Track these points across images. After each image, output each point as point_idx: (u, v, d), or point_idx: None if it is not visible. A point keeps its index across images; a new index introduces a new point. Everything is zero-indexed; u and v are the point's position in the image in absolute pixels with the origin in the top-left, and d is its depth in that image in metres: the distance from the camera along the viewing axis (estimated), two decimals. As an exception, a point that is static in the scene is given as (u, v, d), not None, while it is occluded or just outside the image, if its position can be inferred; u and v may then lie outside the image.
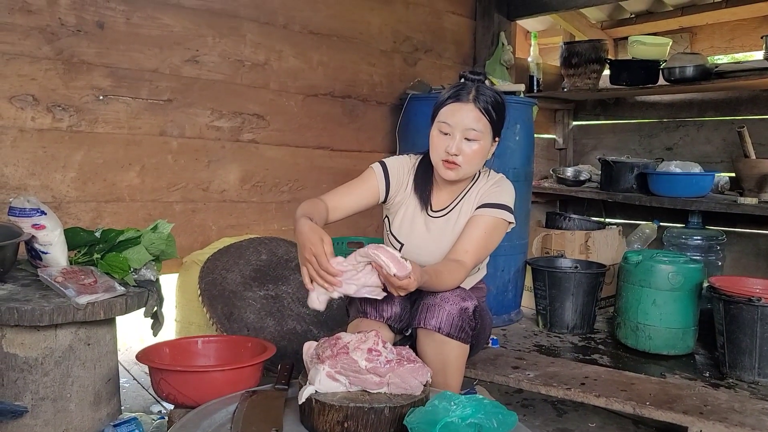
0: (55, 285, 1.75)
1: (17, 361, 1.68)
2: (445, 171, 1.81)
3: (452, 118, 1.78)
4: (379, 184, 1.90)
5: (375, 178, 1.90)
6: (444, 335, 1.70)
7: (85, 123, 2.42)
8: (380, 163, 1.93)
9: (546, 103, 4.07)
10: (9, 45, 2.23)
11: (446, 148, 1.78)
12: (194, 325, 2.50)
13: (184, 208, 2.72)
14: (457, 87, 1.82)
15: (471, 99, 1.78)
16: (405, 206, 1.93)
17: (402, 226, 1.93)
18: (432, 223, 1.91)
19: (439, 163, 1.81)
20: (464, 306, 1.71)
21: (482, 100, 1.78)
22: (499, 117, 1.82)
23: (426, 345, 1.73)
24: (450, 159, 1.78)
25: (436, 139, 1.81)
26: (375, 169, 1.91)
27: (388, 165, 1.92)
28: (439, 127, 1.80)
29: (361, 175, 1.92)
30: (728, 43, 4.02)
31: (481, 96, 1.79)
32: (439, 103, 1.84)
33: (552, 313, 2.85)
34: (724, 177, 3.50)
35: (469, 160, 1.79)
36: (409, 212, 1.93)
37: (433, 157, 1.84)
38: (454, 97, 1.79)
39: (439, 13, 3.61)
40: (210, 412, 1.53)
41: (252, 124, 2.88)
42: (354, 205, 1.88)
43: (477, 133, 1.78)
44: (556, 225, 3.42)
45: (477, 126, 1.77)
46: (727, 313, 2.26)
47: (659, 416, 1.78)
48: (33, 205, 1.87)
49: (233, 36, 2.78)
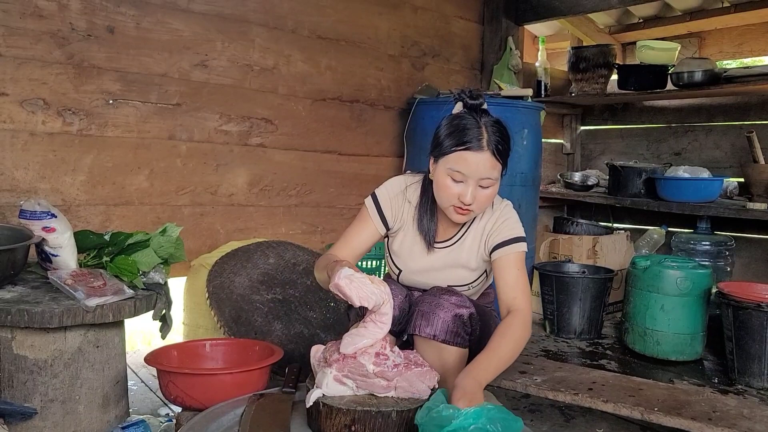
0: (65, 287, 1.76)
1: (27, 363, 1.69)
2: (455, 215, 1.73)
3: (467, 168, 1.65)
4: (374, 222, 1.84)
5: (369, 216, 1.84)
6: (440, 342, 1.70)
7: (95, 127, 2.44)
8: (372, 196, 1.85)
9: (553, 108, 4.06)
10: (20, 49, 2.25)
11: (459, 197, 1.68)
12: (202, 329, 2.51)
13: (193, 212, 2.73)
14: (463, 130, 1.67)
15: (485, 145, 1.64)
16: (404, 232, 1.88)
17: (401, 252, 1.88)
18: (434, 253, 1.86)
19: (450, 209, 1.72)
20: (458, 312, 1.70)
21: (494, 141, 1.66)
22: (508, 151, 1.72)
23: (423, 351, 1.72)
24: (464, 207, 1.69)
25: (446, 182, 1.69)
26: (367, 206, 1.85)
27: (379, 198, 1.85)
28: (451, 175, 1.67)
29: (359, 214, 1.87)
30: (737, 48, 4.00)
31: (493, 137, 1.66)
32: (445, 147, 1.68)
33: (559, 318, 2.84)
34: (733, 182, 3.48)
35: (481, 205, 1.72)
36: (408, 239, 1.87)
37: (441, 201, 1.74)
38: (465, 145, 1.65)
39: (447, 17, 3.62)
40: (218, 415, 1.54)
41: (260, 128, 2.89)
42: (363, 246, 1.85)
43: (492, 180, 1.69)
44: (563, 230, 3.41)
45: (493, 174, 1.68)
46: (736, 318, 2.24)
47: (667, 422, 1.77)
48: (43, 208, 1.89)
49: (242, 41, 2.79)
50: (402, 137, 3.27)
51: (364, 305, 1.48)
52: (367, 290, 1.46)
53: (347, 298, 1.47)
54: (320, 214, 3.16)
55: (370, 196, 1.86)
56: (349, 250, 1.83)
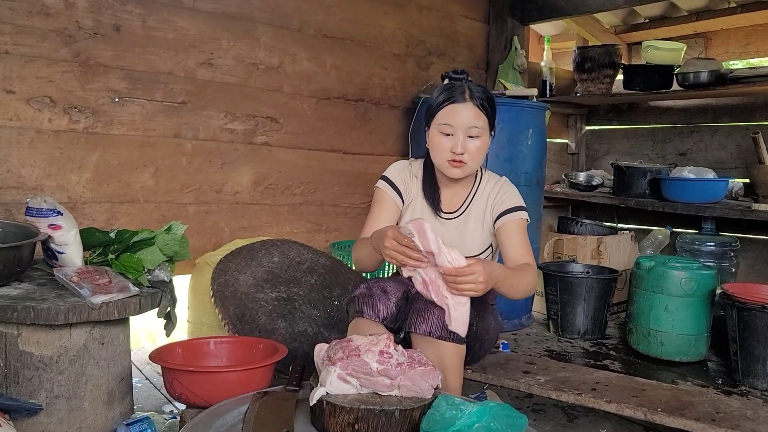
0: (71, 285, 1.77)
1: (32, 360, 1.70)
2: (452, 170, 1.86)
3: (453, 119, 1.83)
4: (393, 197, 1.96)
5: (386, 193, 1.96)
6: (435, 338, 1.70)
7: (101, 125, 2.45)
8: (382, 178, 1.99)
9: (559, 108, 4.06)
10: (27, 47, 2.26)
11: (451, 149, 1.83)
12: (206, 326, 2.52)
13: (198, 210, 2.74)
14: (448, 88, 1.86)
15: (468, 98, 1.83)
16: (413, 206, 2.00)
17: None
18: (446, 225, 1.97)
19: (445, 164, 1.87)
20: None
21: (477, 97, 1.84)
22: (493, 111, 1.89)
23: (421, 348, 1.71)
24: (457, 158, 1.83)
25: (438, 139, 1.86)
26: (382, 186, 1.97)
27: (389, 175, 1.99)
28: (440, 129, 1.85)
29: (375, 198, 1.99)
30: (743, 49, 4.00)
31: (476, 93, 1.85)
32: (434, 107, 1.87)
33: (563, 318, 2.84)
34: (738, 183, 3.47)
35: (473, 157, 1.85)
36: (417, 211, 1.99)
37: (437, 158, 1.89)
38: (450, 99, 1.84)
39: (453, 17, 3.62)
40: (222, 413, 1.54)
41: (265, 127, 2.90)
42: (388, 224, 1.92)
43: (479, 129, 1.84)
44: (568, 230, 3.41)
45: (478, 123, 1.83)
46: (741, 320, 2.24)
47: (671, 423, 1.77)
48: (50, 206, 1.89)
49: (247, 39, 2.80)
50: (407, 136, 3.27)
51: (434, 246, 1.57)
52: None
53: (421, 237, 1.58)
54: (325, 212, 3.16)
55: (380, 179, 1.99)
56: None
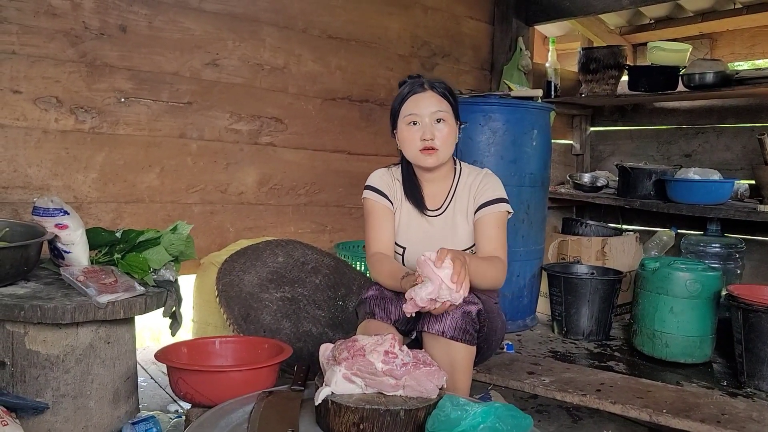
0: (77, 284, 1.77)
1: (39, 358, 1.71)
2: (425, 159, 1.87)
3: (417, 108, 1.86)
4: (384, 203, 1.97)
5: (377, 202, 1.97)
6: (448, 339, 1.71)
7: (107, 125, 2.46)
8: (367, 188, 1.99)
9: (563, 109, 4.05)
10: (34, 48, 2.27)
11: (421, 137, 1.85)
12: (211, 326, 2.52)
13: (203, 210, 2.75)
14: (408, 84, 1.91)
15: (428, 87, 1.88)
16: (399, 210, 2.00)
17: (400, 226, 1.99)
18: (433, 223, 1.97)
19: (417, 154, 1.88)
20: (467, 309, 1.72)
21: (437, 87, 1.89)
22: (454, 99, 1.93)
23: (432, 348, 1.73)
24: (427, 145, 1.85)
25: (407, 132, 1.88)
26: (370, 196, 1.98)
27: (373, 184, 1.99)
28: (406, 121, 1.87)
29: (366, 211, 1.99)
30: (749, 50, 3.98)
31: (435, 83, 1.90)
32: (397, 104, 1.91)
33: (568, 320, 2.84)
34: (743, 184, 3.46)
35: (444, 142, 1.86)
36: (404, 218, 1.99)
37: (409, 152, 1.90)
38: (411, 91, 1.88)
39: (458, 18, 3.62)
40: (227, 412, 1.55)
41: (270, 128, 2.91)
42: (390, 232, 1.96)
43: (444, 113, 1.86)
44: (572, 231, 3.40)
45: (442, 107, 1.87)
46: (746, 321, 2.23)
47: (676, 424, 1.77)
48: (56, 205, 1.90)
49: (253, 40, 2.81)
50: (411, 137, 3.27)
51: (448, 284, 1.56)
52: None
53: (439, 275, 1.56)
54: (329, 213, 3.17)
55: (365, 189, 2.00)
56: (385, 241, 1.94)
